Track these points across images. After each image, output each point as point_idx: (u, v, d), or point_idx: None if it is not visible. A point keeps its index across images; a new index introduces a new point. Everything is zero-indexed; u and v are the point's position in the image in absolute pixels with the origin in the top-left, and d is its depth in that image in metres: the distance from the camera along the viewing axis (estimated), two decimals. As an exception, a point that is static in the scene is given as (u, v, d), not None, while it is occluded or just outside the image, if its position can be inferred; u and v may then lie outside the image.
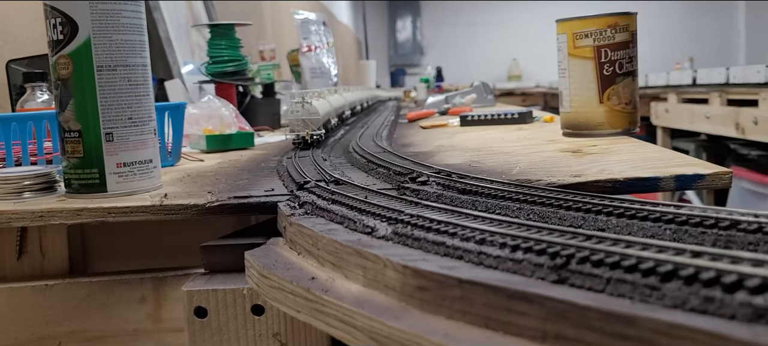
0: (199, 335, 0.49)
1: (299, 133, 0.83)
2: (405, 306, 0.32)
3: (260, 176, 0.70)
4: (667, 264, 0.24)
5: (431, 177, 0.55)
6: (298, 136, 0.83)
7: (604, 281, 0.25)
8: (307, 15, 2.08)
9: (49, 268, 0.61)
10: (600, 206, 0.39)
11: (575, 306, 0.24)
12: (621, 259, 0.26)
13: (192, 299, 0.49)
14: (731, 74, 2.27)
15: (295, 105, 0.85)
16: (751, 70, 2.11)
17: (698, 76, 2.52)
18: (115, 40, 0.60)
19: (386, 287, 0.34)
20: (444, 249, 0.33)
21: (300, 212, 0.49)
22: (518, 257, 0.29)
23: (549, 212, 0.41)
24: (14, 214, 0.56)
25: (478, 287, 0.28)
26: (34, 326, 0.58)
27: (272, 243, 0.49)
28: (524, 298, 0.26)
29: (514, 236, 0.31)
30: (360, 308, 0.32)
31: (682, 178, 0.57)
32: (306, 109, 0.85)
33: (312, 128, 0.84)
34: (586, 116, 0.84)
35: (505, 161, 0.70)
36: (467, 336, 0.27)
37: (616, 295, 0.25)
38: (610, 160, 0.65)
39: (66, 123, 0.60)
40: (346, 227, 0.42)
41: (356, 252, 0.36)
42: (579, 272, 0.26)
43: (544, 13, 7.27)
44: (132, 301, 0.58)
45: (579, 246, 0.28)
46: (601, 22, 0.81)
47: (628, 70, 0.82)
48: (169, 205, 0.56)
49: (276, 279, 0.40)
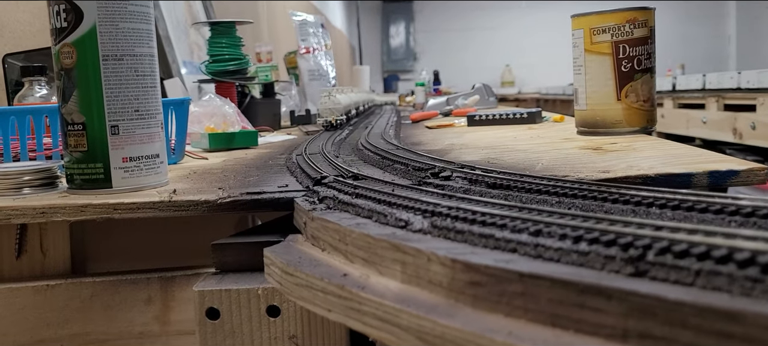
0: (211, 337, 0.47)
1: (327, 119, 1.07)
2: (454, 303, 0.29)
3: (270, 172, 0.67)
4: (766, 255, 0.22)
5: (455, 172, 0.52)
6: (326, 121, 1.07)
7: (694, 273, 0.23)
8: (306, 17, 2.05)
9: (50, 268, 0.58)
10: (651, 199, 0.36)
11: (664, 301, 0.22)
12: (709, 249, 0.23)
13: (204, 299, 0.46)
14: (729, 79, 2.26)
15: (324, 97, 1.09)
16: (752, 75, 2.10)
17: (695, 81, 2.51)
18: (121, 29, 0.57)
19: (430, 283, 0.31)
20: (493, 242, 0.31)
21: (321, 206, 0.46)
22: (583, 248, 0.27)
23: (594, 206, 0.38)
24: (14, 210, 0.53)
25: (543, 281, 0.25)
26: (34, 329, 0.55)
27: (292, 240, 0.46)
28: (601, 292, 0.23)
29: (575, 227, 0.29)
30: (405, 306, 0.29)
31: (715, 174, 0.54)
32: (331, 101, 1.09)
33: (336, 115, 1.09)
34: (603, 114, 0.82)
35: (524, 158, 0.67)
36: (534, 335, 0.25)
37: (709, 288, 0.22)
38: (635, 157, 0.63)
39: (69, 115, 0.57)
40: (375, 222, 0.39)
41: (393, 246, 0.34)
42: (661, 264, 0.24)
43: (537, 21, 7.30)
44: (138, 302, 0.55)
45: (654, 236, 0.25)
46: (619, 16, 0.78)
47: (646, 67, 0.80)
48: (178, 201, 0.53)
49: (303, 276, 0.37)
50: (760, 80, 2.04)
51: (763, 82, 2.02)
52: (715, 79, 2.30)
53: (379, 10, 7.49)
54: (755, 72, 2.07)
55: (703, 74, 2.44)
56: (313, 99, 1.92)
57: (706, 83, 2.40)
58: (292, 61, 2.16)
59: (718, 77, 2.28)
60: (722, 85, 2.25)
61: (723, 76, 2.25)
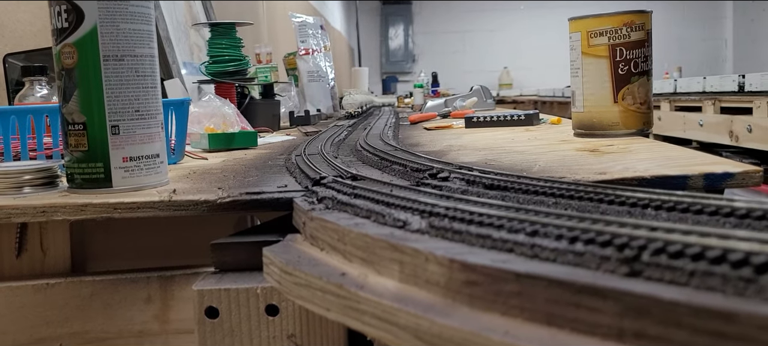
0: (210, 336, 0.47)
1: (349, 111, 1.71)
2: (451, 303, 0.29)
3: (269, 173, 0.68)
4: (759, 255, 0.22)
5: (453, 173, 0.53)
6: (347, 112, 1.70)
7: (687, 273, 0.23)
8: (305, 18, 2.06)
9: (50, 267, 0.58)
10: (646, 200, 0.37)
11: (659, 301, 0.22)
12: (703, 250, 0.24)
13: (203, 298, 0.47)
14: (727, 82, 2.27)
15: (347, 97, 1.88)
16: (755, 78, 2.11)
17: (693, 84, 2.52)
18: (122, 29, 0.57)
19: (427, 283, 0.31)
20: (490, 242, 0.31)
21: (320, 207, 0.46)
22: (579, 249, 0.27)
23: (589, 207, 0.39)
24: (14, 209, 0.54)
25: (539, 281, 0.26)
26: (34, 328, 0.55)
27: (290, 239, 0.46)
28: (596, 292, 0.24)
29: (571, 228, 0.29)
30: (403, 305, 0.29)
31: (711, 176, 0.55)
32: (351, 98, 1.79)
33: (354, 109, 1.73)
34: (600, 116, 0.82)
35: (522, 160, 0.68)
36: (530, 334, 0.25)
37: (703, 288, 0.22)
38: (631, 159, 0.63)
39: (70, 115, 0.57)
40: (373, 222, 0.40)
41: (391, 246, 0.34)
42: (655, 265, 0.24)
43: (535, 24, 7.31)
44: (137, 301, 0.55)
45: (649, 237, 0.26)
46: (616, 20, 0.79)
47: (643, 70, 0.80)
48: (178, 201, 0.54)
49: (302, 275, 0.37)
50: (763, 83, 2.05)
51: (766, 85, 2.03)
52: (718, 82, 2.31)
53: (378, 11, 7.50)
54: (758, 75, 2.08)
55: (704, 77, 2.45)
56: (313, 100, 1.93)
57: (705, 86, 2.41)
58: (292, 62, 2.16)
59: (720, 80, 2.28)
60: (724, 88, 2.26)
61: (725, 79, 2.26)
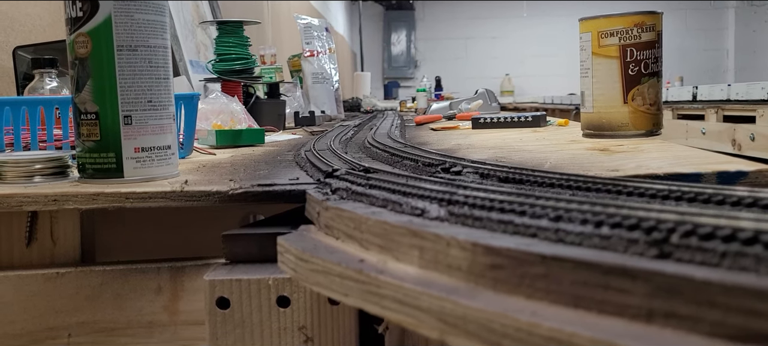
0: (220, 327, 0.47)
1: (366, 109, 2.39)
2: (475, 286, 0.29)
3: (279, 167, 0.68)
4: (791, 235, 0.22)
5: (466, 167, 0.53)
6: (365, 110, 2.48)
7: (719, 254, 0.23)
8: (311, 20, 2.06)
9: (60, 256, 0.58)
10: (666, 191, 0.37)
11: (692, 281, 0.22)
12: (734, 232, 0.24)
13: (214, 289, 0.46)
14: (732, 91, 2.27)
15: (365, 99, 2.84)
16: (755, 87, 2.11)
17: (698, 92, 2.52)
18: (136, 19, 0.57)
19: (449, 268, 0.31)
20: (513, 227, 0.31)
21: (334, 197, 0.46)
22: (605, 232, 0.27)
23: (608, 199, 0.39)
24: (25, 197, 0.53)
25: (566, 263, 0.26)
26: (43, 316, 0.55)
27: (304, 229, 0.46)
28: (625, 273, 0.24)
29: (596, 212, 0.29)
30: (426, 288, 0.29)
31: (724, 175, 0.55)
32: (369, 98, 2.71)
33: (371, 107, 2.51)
34: (610, 117, 0.82)
35: (532, 158, 0.68)
36: (557, 315, 0.25)
37: (736, 269, 0.22)
38: (643, 158, 0.63)
39: (82, 104, 0.57)
40: (390, 210, 0.40)
41: (411, 232, 0.34)
42: (686, 246, 0.24)
43: (537, 32, 7.33)
44: (147, 291, 0.55)
45: (678, 220, 0.26)
46: (627, 20, 0.79)
47: (653, 71, 0.80)
48: (190, 191, 0.54)
49: (319, 262, 0.37)
50: (711, 94, 2.07)
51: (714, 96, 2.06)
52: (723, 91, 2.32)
53: (380, 17, 7.51)
54: (707, 87, 2.11)
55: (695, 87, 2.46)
56: (317, 102, 1.93)
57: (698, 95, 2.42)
58: (296, 64, 2.16)
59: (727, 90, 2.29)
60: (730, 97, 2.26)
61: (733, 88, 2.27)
